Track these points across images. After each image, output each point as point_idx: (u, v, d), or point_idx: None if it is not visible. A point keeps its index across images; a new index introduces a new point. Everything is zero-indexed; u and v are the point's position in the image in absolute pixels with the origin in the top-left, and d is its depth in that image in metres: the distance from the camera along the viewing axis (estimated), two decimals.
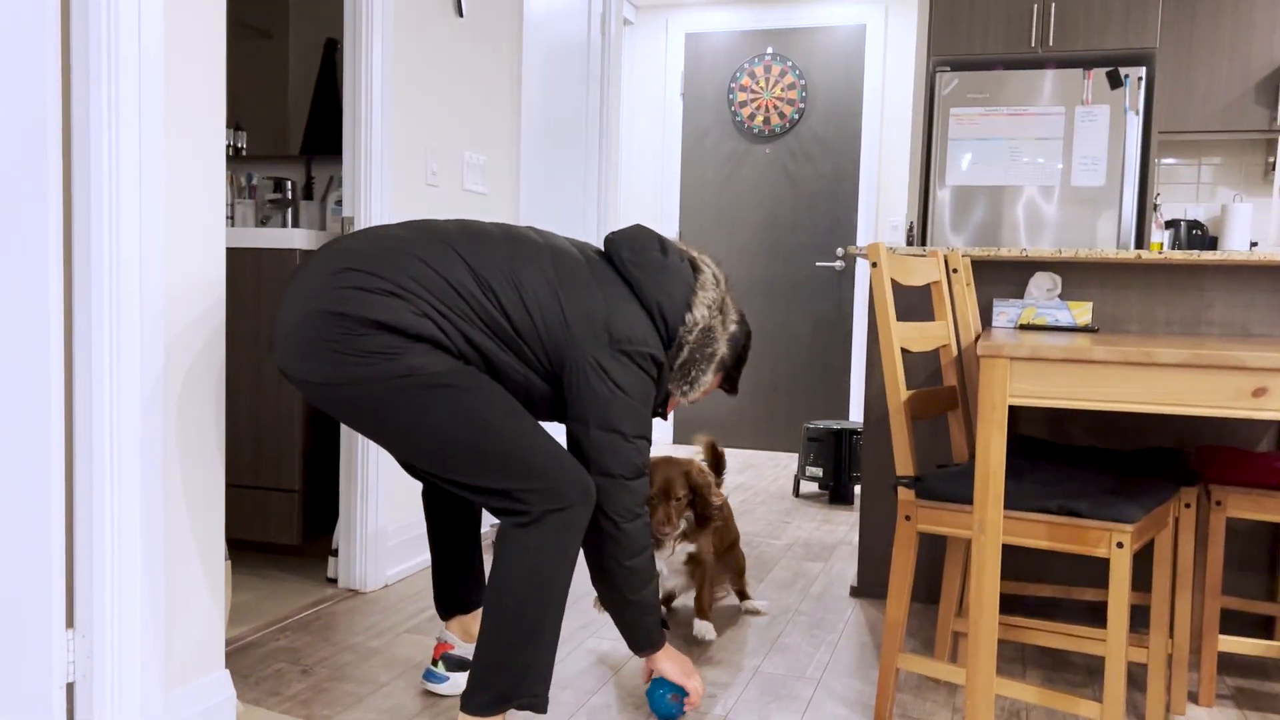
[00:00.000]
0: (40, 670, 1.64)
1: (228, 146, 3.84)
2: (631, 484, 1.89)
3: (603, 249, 2.04)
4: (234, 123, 3.55)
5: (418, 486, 3.23)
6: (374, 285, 1.73)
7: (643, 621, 2.02)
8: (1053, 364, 1.74)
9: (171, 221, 1.78)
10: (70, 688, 1.69)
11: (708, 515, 2.55)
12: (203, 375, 1.87)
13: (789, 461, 5.47)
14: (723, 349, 2.03)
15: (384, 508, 2.97)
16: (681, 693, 2.10)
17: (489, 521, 3.67)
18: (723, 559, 2.78)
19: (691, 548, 2.57)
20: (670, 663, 2.10)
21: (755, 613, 2.84)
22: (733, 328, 2.07)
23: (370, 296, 1.72)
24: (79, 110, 1.63)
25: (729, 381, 2.20)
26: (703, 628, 2.60)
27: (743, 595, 2.89)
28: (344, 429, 2.95)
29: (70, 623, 1.69)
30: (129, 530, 1.69)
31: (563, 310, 1.85)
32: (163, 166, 1.73)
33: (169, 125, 1.76)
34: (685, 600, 2.87)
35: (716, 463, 2.82)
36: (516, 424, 1.79)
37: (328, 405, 1.77)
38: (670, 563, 2.57)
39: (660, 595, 2.55)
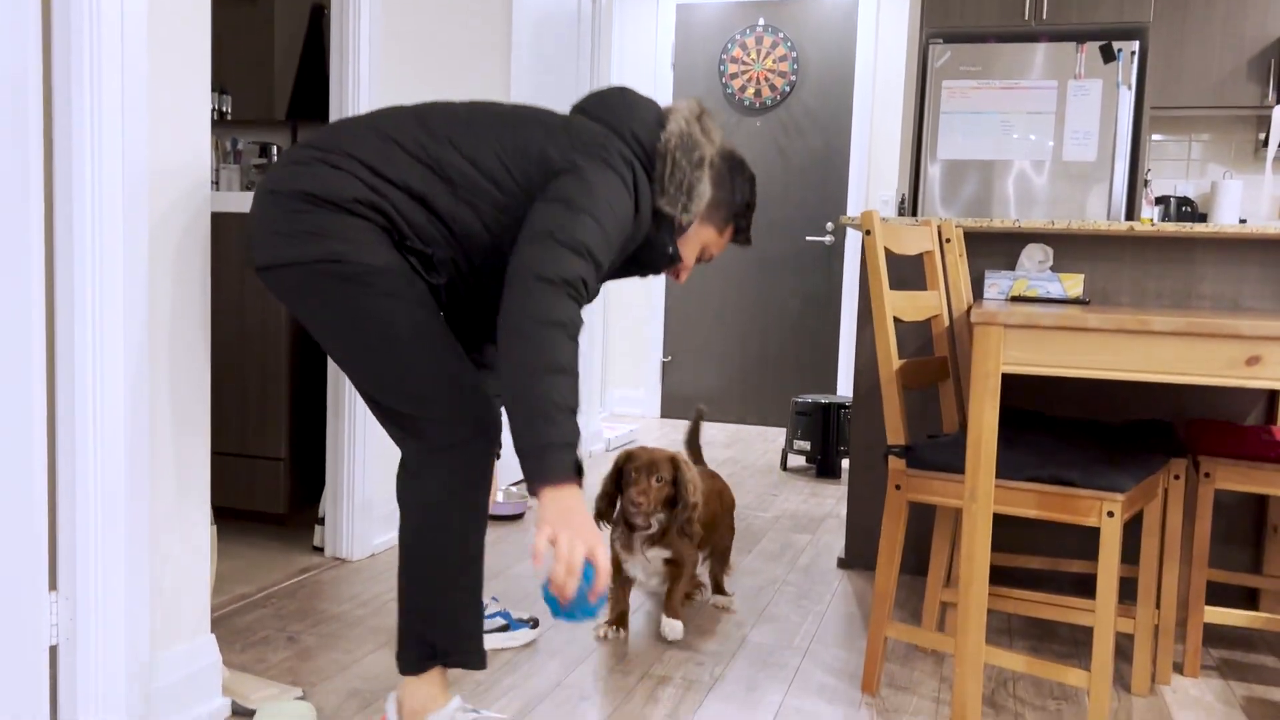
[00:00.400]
0: (23, 633, 1.62)
1: (213, 111, 3.79)
2: (559, 248, 1.61)
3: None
4: (219, 87, 3.50)
5: None
6: (307, 156, 1.68)
7: (532, 421, 1.53)
8: (1047, 332, 1.73)
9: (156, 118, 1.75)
10: (54, 650, 1.68)
11: (684, 516, 2.32)
12: (187, 310, 1.84)
13: (776, 436, 5.47)
14: (711, 153, 1.87)
15: (371, 477, 2.95)
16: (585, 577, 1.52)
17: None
18: (709, 536, 2.56)
19: (667, 553, 2.37)
20: (553, 510, 1.52)
21: (725, 609, 2.62)
22: (719, 140, 1.93)
23: (300, 168, 1.67)
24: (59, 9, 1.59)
25: (740, 230, 2.04)
26: (671, 627, 2.37)
27: (717, 586, 2.68)
28: (330, 398, 2.92)
29: (53, 585, 1.66)
30: (113, 491, 1.66)
31: (523, 140, 1.75)
32: (144, 61, 1.69)
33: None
34: (656, 594, 2.66)
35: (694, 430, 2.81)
36: (424, 344, 1.67)
37: (278, 294, 1.72)
38: (646, 568, 2.40)
39: (626, 592, 2.43)
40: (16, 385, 1.59)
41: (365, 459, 2.92)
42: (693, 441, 2.83)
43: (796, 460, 4.73)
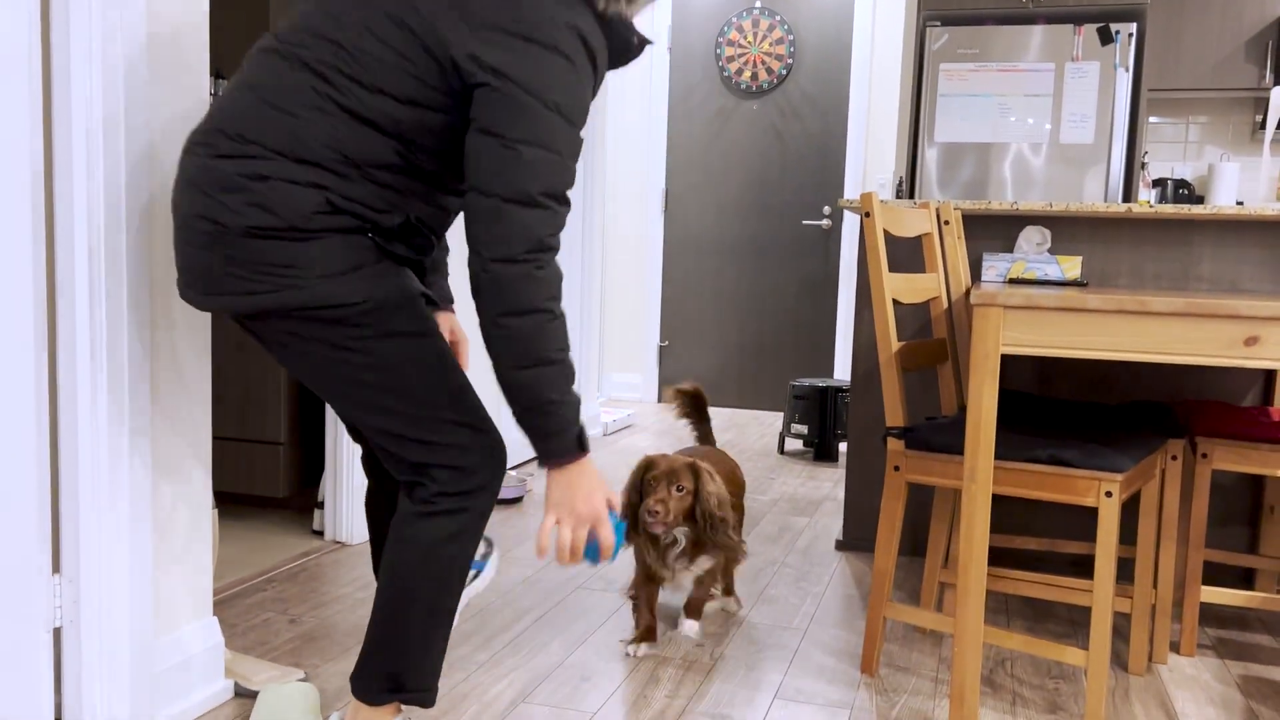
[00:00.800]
0: (27, 615, 1.63)
1: (211, 94, 3.77)
2: (509, 209, 1.41)
3: None
4: (215, 71, 3.48)
5: None
6: (224, 175, 1.42)
7: (530, 415, 1.50)
8: (1046, 313, 1.73)
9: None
10: (57, 633, 1.68)
11: (706, 532, 2.18)
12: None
13: (774, 420, 5.48)
14: None
15: None
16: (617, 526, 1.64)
17: None
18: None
19: (699, 571, 2.27)
20: (558, 490, 1.56)
21: (730, 613, 2.52)
22: None
23: (228, 196, 1.42)
24: None
25: None
26: (691, 627, 2.34)
27: (727, 589, 2.53)
28: None
29: (56, 568, 1.67)
30: (115, 475, 1.67)
31: (406, 21, 1.41)
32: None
33: None
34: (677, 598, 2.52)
35: (698, 407, 2.65)
36: (437, 383, 1.53)
37: (267, 346, 1.53)
38: (682, 582, 2.29)
39: (654, 605, 2.30)
40: (17, 369, 1.59)
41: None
42: (700, 420, 2.68)
43: (794, 444, 4.74)
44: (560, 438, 1.52)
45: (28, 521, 1.62)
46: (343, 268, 1.45)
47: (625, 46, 1.55)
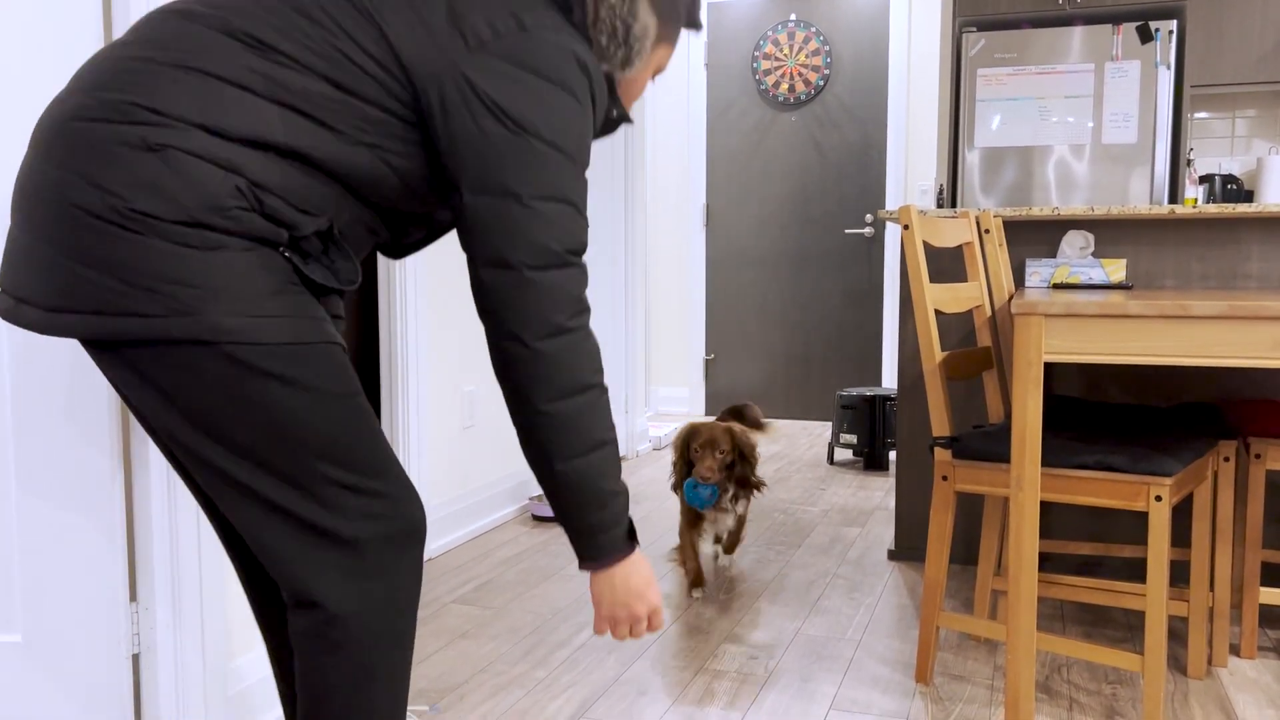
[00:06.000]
0: (108, 642, 1.71)
1: None
2: (541, 277, 1.20)
3: None
4: None
5: (458, 459, 3.29)
6: (106, 134, 1.10)
7: (584, 511, 1.30)
8: (1087, 319, 1.74)
9: None
10: (135, 659, 1.76)
11: (749, 480, 2.79)
12: None
13: (822, 430, 5.48)
14: None
15: (424, 481, 3.03)
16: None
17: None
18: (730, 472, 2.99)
19: (742, 507, 2.87)
20: (609, 592, 1.35)
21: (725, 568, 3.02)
22: None
23: (104, 159, 1.09)
24: None
25: (692, 21, 1.43)
26: (728, 560, 3.04)
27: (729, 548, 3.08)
28: (384, 398, 3.00)
29: (134, 596, 1.75)
30: (186, 507, 1.74)
31: (383, 30, 1.17)
32: None
33: None
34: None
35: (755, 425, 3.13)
36: (350, 441, 1.22)
37: (106, 373, 1.20)
38: (727, 520, 2.86)
39: (698, 552, 2.83)
40: (95, 404, 1.67)
41: (419, 465, 2.99)
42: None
43: (843, 454, 4.74)
44: (614, 532, 1.32)
45: (108, 553, 1.69)
46: (253, 293, 1.13)
47: (610, 122, 1.38)
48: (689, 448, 2.76)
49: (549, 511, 3.52)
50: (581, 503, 1.29)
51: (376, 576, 1.24)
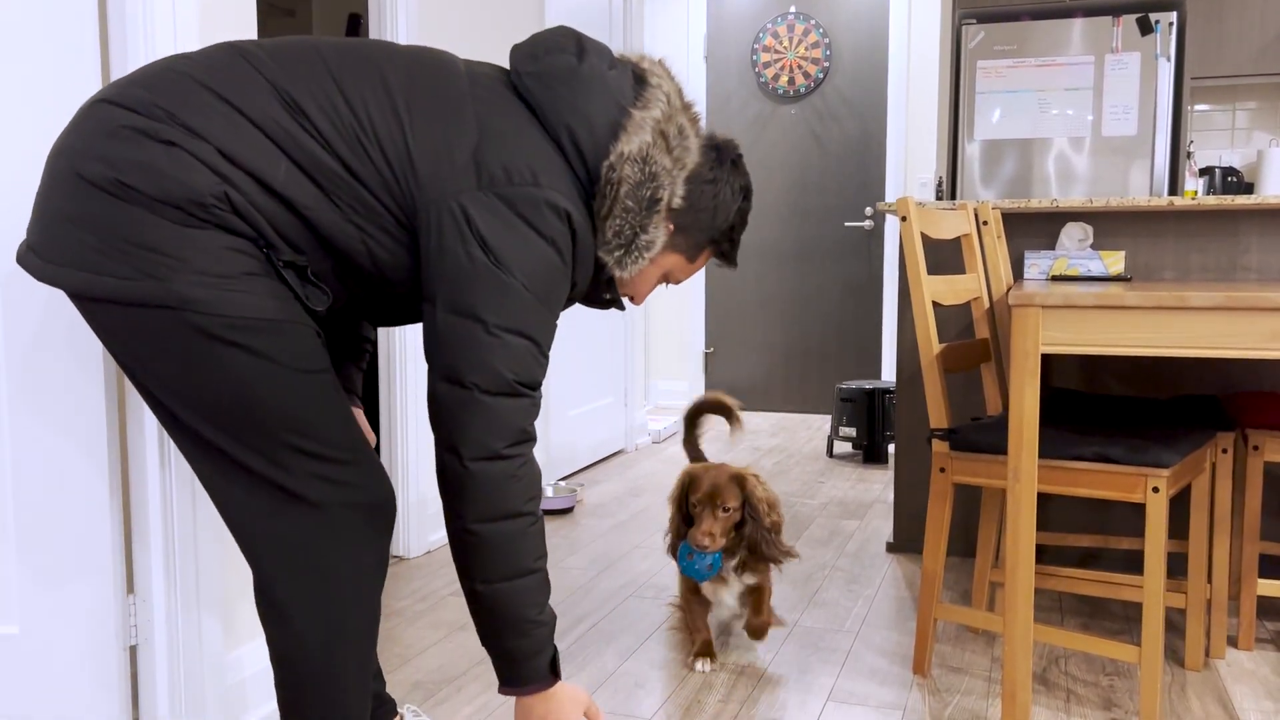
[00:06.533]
0: (106, 634, 1.71)
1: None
2: (489, 401, 1.28)
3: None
4: None
5: None
6: (118, 124, 1.20)
7: (502, 635, 1.36)
8: (1085, 311, 1.74)
9: None
10: (133, 650, 1.76)
11: (762, 545, 2.13)
12: None
13: (821, 423, 5.48)
14: (674, 194, 1.41)
15: (425, 475, 3.03)
16: None
17: None
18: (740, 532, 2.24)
19: (751, 580, 2.21)
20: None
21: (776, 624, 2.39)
22: (692, 163, 1.42)
23: (113, 143, 1.19)
24: None
25: (721, 252, 1.55)
26: (756, 647, 2.30)
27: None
28: (382, 398, 3.00)
29: (131, 588, 1.75)
30: (183, 500, 1.74)
31: (407, 139, 1.27)
32: None
33: None
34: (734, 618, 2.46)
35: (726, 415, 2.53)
36: (317, 415, 1.29)
37: (94, 329, 1.27)
38: (725, 597, 2.23)
39: (705, 619, 2.24)
40: (92, 396, 1.67)
41: (419, 458, 2.99)
42: (690, 438, 2.58)
43: (843, 447, 4.74)
44: (534, 662, 1.38)
45: (105, 546, 1.69)
46: (224, 271, 1.20)
47: (598, 298, 1.48)
48: (687, 500, 2.17)
49: (547, 504, 3.52)
50: (500, 627, 1.35)
51: (339, 543, 1.31)
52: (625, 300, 1.64)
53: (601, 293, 1.48)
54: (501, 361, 1.28)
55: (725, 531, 2.10)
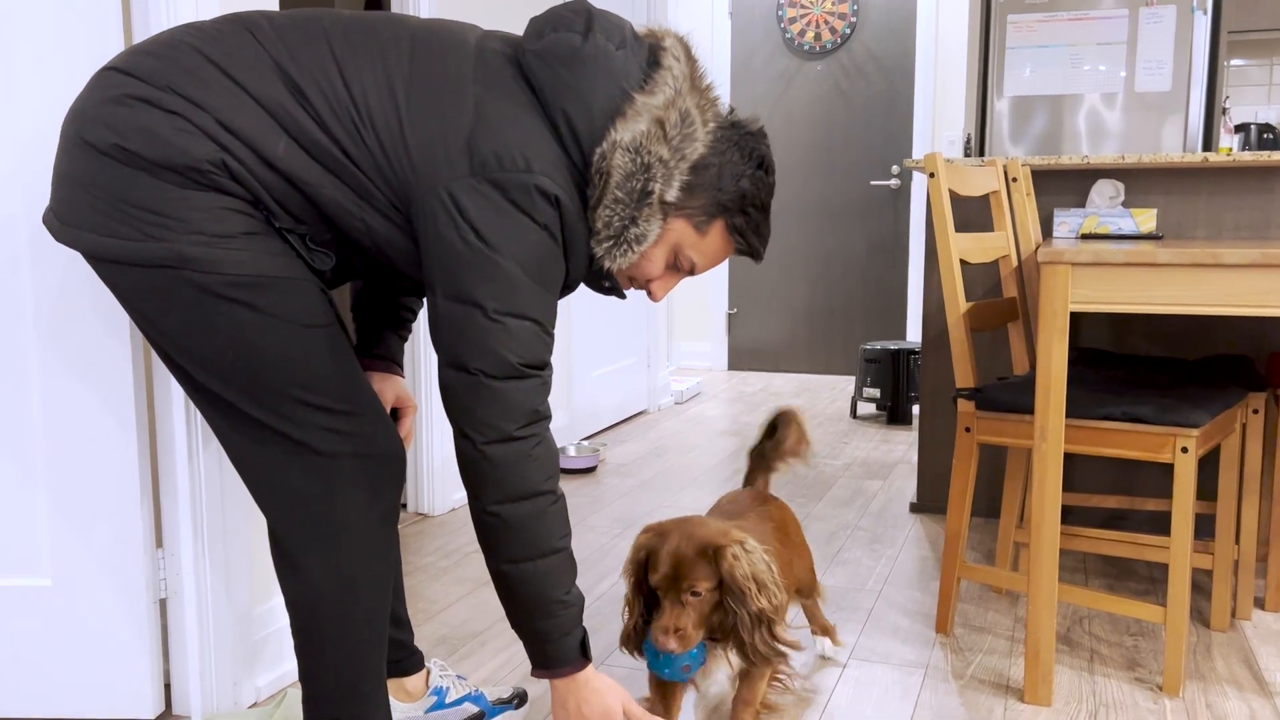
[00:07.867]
0: (136, 587, 1.73)
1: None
2: (496, 385, 1.29)
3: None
4: None
5: None
6: (122, 92, 1.23)
7: (530, 616, 1.38)
8: (1115, 269, 1.71)
9: None
10: (163, 604, 1.78)
11: (746, 640, 1.52)
12: None
13: (845, 384, 5.46)
14: (670, 187, 1.34)
15: (448, 434, 3.04)
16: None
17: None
18: (788, 582, 1.72)
19: (754, 666, 1.63)
20: (563, 713, 1.43)
21: (831, 659, 2.02)
22: (696, 154, 1.35)
23: (116, 109, 1.22)
24: None
25: (737, 231, 1.42)
26: None
27: (819, 624, 2.02)
28: (405, 351, 3.00)
29: (159, 542, 1.77)
30: (211, 454, 1.76)
31: (403, 125, 1.27)
32: None
33: None
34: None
35: (796, 440, 1.92)
36: (324, 368, 1.32)
37: (113, 291, 1.31)
38: (718, 676, 1.70)
39: (676, 705, 1.64)
40: (118, 351, 1.68)
41: (442, 416, 3.00)
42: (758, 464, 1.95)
43: (866, 408, 4.73)
44: (562, 643, 1.39)
45: (132, 497, 1.71)
46: (223, 230, 1.24)
47: (596, 282, 1.46)
48: (645, 574, 1.56)
49: (569, 464, 3.53)
50: (527, 608, 1.37)
51: (347, 493, 1.34)
52: (645, 295, 1.60)
53: (601, 281, 1.45)
54: (504, 346, 1.29)
55: (700, 622, 1.52)
